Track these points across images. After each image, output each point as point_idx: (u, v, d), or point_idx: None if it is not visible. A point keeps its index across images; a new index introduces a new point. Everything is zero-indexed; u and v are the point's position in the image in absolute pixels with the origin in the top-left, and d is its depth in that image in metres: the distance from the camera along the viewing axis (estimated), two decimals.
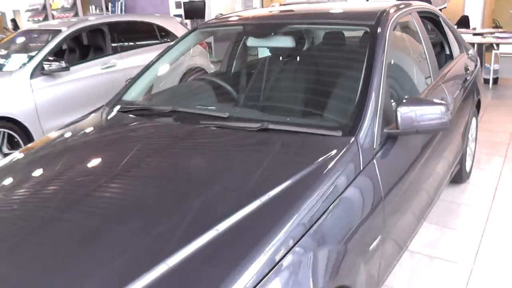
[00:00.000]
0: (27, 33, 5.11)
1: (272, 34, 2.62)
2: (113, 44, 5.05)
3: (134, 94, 2.76)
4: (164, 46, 5.51)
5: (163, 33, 5.77)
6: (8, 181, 1.89)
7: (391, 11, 2.48)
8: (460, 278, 2.57)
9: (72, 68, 4.49)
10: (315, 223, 1.48)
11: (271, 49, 2.84)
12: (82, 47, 4.78)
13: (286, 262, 1.32)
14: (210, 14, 12.29)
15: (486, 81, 7.13)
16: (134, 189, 1.68)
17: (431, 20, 3.40)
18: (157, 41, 5.70)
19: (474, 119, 3.70)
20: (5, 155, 4.04)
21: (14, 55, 4.54)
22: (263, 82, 2.59)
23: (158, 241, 1.35)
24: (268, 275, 1.27)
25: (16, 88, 4.13)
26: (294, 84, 2.52)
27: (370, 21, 2.35)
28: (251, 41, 2.75)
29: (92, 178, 1.76)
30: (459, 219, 3.21)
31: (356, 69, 2.23)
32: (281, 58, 2.79)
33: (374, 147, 1.88)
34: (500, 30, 8.31)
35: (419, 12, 2.96)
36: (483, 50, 7.67)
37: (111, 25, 5.10)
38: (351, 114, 1.97)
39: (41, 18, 12.93)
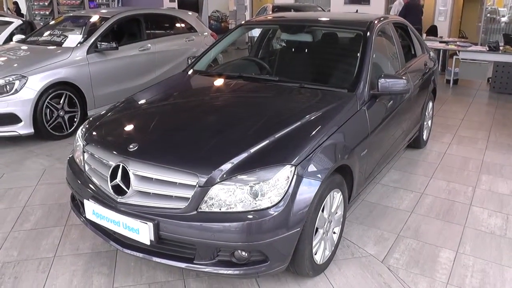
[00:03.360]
0: (74, 18, 6.16)
1: (297, 31, 3.93)
2: (146, 31, 6.13)
3: (200, 66, 3.97)
4: (184, 36, 6.65)
5: (183, 25, 6.87)
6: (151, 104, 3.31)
7: (376, 21, 3.75)
8: (414, 199, 3.82)
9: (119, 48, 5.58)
10: (338, 129, 2.76)
11: (294, 41, 4.07)
12: (123, 32, 5.84)
13: (325, 144, 2.58)
14: (208, 10, 13.40)
15: (448, 81, 8.49)
16: (234, 109, 3.06)
17: (402, 28, 4.66)
18: (179, 32, 6.81)
19: (430, 102, 5.00)
20: (66, 112, 5.08)
21: (70, 35, 5.57)
22: (294, 61, 3.91)
23: (252, 132, 2.56)
24: (316, 150, 2.49)
25: (76, 61, 5.18)
26: (314, 62, 3.86)
27: (363, 27, 3.65)
28: (283, 35, 3.99)
29: (207, 102, 3.21)
30: (416, 168, 4.49)
31: (354, 56, 3.51)
32: (303, 47, 4.05)
33: (365, 100, 3.16)
34: (462, 40, 9.69)
35: (394, 23, 4.27)
36: (447, 55, 9.02)
37: (145, 16, 6.19)
38: (352, 81, 3.26)
39: (46, 3, 13.80)
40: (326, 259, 2.81)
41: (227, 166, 2.35)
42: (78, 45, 5.34)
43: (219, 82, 3.59)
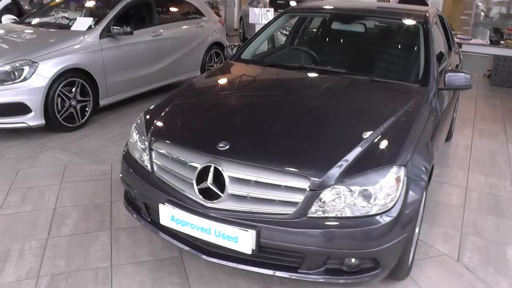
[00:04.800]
0: None
1: (350, 21, 3.73)
2: (157, 16, 5.73)
3: (247, 54, 3.70)
4: (194, 21, 6.29)
5: (192, 10, 6.49)
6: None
7: (431, 12, 3.57)
8: (461, 194, 3.78)
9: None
10: (425, 126, 2.60)
11: (347, 31, 3.83)
12: (133, 16, 5.40)
13: (420, 142, 2.42)
14: None
15: None
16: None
17: (440, 21, 4.56)
18: (190, 17, 6.42)
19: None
20: (78, 101, 4.65)
21: (78, 17, 5.09)
22: (352, 52, 3.69)
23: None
24: (415, 149, 2.34)
25: (89, 46, 4.72)
26: (374, 54, 3.63)
27: (420, 19, 3.50)
28: (335, 25, 3.76)
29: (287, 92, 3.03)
30: (451, 161, 4.52)
31: (415, 48, 3.38)
32: (358, 37, 3.81)
33: (434, 94, 2.98)
34: (459, 33, 9.76)
35: (438, 15, 4.12)
36: None
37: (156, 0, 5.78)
38: (422, 75, 3.11)
39: None
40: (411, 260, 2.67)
41: (338, 168, 2.13)
42: (90, 29, 4.88)
43: (282, 73, 3.33)
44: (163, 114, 2.71)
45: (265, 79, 3.31)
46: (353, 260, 2.16)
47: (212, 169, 2.18)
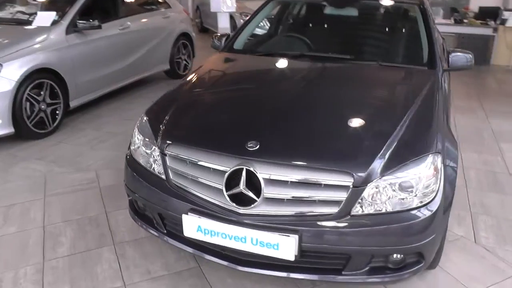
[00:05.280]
0: None
1: (344, 5, 3.57)
2: (122, 7, 5.33)
3: (239, 44, 3.49)
4: (160, 12, 5.95)
5: (158, 0, 6.12)
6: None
7: None
8: (459, 173, 3.79)
9: None
10: (444, 111, 2.51)
11: (342, 16, 3.68)
12: (97, 8, 4.98)
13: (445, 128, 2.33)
14: None
15: None
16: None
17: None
18: (155, 7, 6.05)
19: None
20: (48, 105, 4.25)
21: (39, 11, 4.61)
22: (352, 38, 3.53)
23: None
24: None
25: (55, 43, 4.30)
26: (376, 38, 3.56)
27: (417, 1, 3.44)
28: (328, 10, 3.58)
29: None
30: None
31: (416, 30, 3.29)
32: (355, 22, 3.66)
33: (442, 75, 2.90)
34: None
35: None
36: None
37: None
38: (428, 57, 3.03)
39: None
40: None
41: (379, 162, 1.99)
42: (55, 24, 4.44)
43: (287, 63, 3.15)
44: (171, 114, 2.46)
45: (273, 70, 3.12)
46: (398, 256, 2.05)
47: (244, 172, 1.98)
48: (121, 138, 4.37)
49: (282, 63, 3.16)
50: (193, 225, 2.10)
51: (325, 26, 3.61)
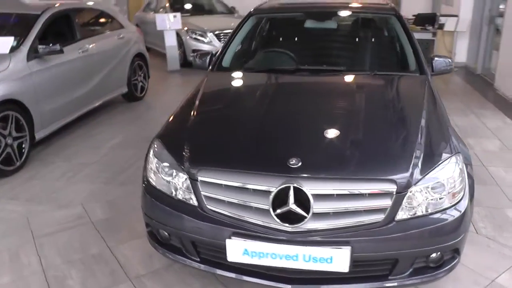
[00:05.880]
0: None
1: (323, 18, 3.70)
2: (80, 30, 5.06)
3: (227, 63, 3.48)
4: (115, 32, 5.74)
5: (110, 20, 5.89)
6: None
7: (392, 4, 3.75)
8: None
9: None
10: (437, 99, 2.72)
11: (321, 29, 3.76)
12: (54, 32, 4.67)
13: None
14: None
15: None
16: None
17: None
18: (109, 28, 5.81)
19: None
20: (14, 138, 3.91)
21: None
22: (337, 50, 3.62)
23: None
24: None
25: (17, 71, 3.97)
26: (361, 49, 3.69)
27: (392, 11, 3.62)
28: (308, 23, 3.66)
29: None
30: None
31: (397, 39, 3.50)
32: (337, 34, 3.77)
33: (430, 80, 3.05)
34: None
35: None
36: None
37: (75, 10, 5.08)
38: (417, 64, 3.19)
39: None
40: None
41: (416, 168, 2.07)
42: (15, 50, 4.11)
43: (289, 78, 3.20)
44: (193, 137, 2.37)
45: (281, 85, 3.14)
46: (436, 254, 2.13)
47: (292, 190, 1.96)
48: (95, 168, 4.14)
49: (286, 78, 3.19)
50: (239, 249, 2.04)
51: (313, 39, 3.68)
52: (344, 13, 3.76)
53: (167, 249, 2.35)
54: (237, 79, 3.23)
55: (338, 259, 1.96)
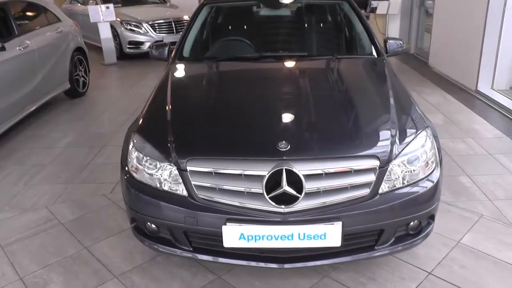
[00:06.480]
0: None
1: (277, 6, 3.77)
2: (17, 24, 4.74)
3: (187, 53, 3.48)
4: (53, 26, 5.46)
5: (47, 14, 5.56)
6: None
7: None
8: None
9: None
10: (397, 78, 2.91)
11: (276, 16, 3.84)
12: None
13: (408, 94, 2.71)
14: None
15: None
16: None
17: None
18: (47, 22, 5.48)
19: None
20: None
21: None
22: (294, 36, 3.73)
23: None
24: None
25: None
26: (318, 35, 3.79)
27: None
28: (263, 11, 3.71)
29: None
30: None
31: (350, 23, 3.65)
32: (291, 21, 3.85)
33: (387, 60, 3.25)
34: None
35: None
36: None
37: (9, 3, 4.74)
38: (374, 47, 3.35)
39: None
40: None
41: (393, 142, 2.22)
42: None
43: (253, 65, 3.24)
44: (176, 128, 2.36)
45: (252, 72, 3.17)
46: (415, 222, 2.31)
47: (284, 173, 2.04)
48: (53, 168, 3.97)
49: (253, 66, 3.24)
50: (235, 234, 2.09)
51: (270, 26, 3.74)
52: (299, 1, 3.85)
53: (155, 241, 2.35)
54: (204, 68, 3.24)
55: (331, 235, 2.07)
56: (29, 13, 5.31)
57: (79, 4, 10.31)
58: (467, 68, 5.87)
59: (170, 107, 2.59)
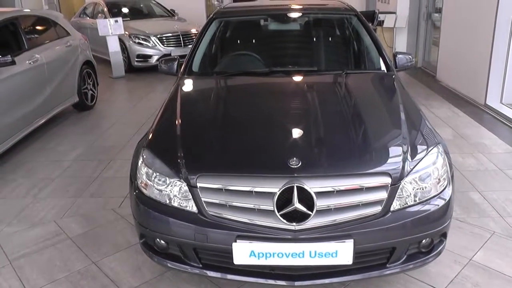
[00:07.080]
0: None
1: (285, 21, 3.81)
2: (27, 38, 4.79)
3: (197, 67, 3.49)
4: (63, 40, 5.52)
5: (57, 28, 5.62)
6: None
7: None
8: None
9: None
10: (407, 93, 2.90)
11: (284, 31, 3.85)
12: (0, 42, 4.40)
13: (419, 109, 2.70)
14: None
15: None
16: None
17: None
18: (56, 36, 5.54)
19: None
20: None
21: None
22: (303, 51, 3.73)
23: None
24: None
25: None
26: (327, 49, 3.79)
27: (352, 11, 3.76)
28: (272, 25, 3.73)
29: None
30: None
31: (360, 38, 3.64)
32: (300, 35, 3.86)
33: (396, 75, 3.24)
34: None
35: None
36: None
37: (21, 18, 4.80)
38: (384, 62, 3.34)
39: None
40: None
41: (405, 160, 2.20)
42: None
43: (258, 80, 3.24)
44: (186, 144, 2.35)
45: (262, 87, 3.17)
46: (427, 240, 2.28)
47: (295, 190, 2.02)
48: (61, 182, 3.97)
49: (263, 81, 3.22)
50: (245, 252, 2.07)
51: (280, 41, 3.75)
52: (307, 15, 3.85)
53: (164, 257, 2.33)
54: (213, 83, 3.24)
55: (343, 253, 2.05)
56: (38, 27, 5.37)
57: (88, 18, 10.42)
58: (476, 81, 5.85)
59: (180, 122, 2.58)
